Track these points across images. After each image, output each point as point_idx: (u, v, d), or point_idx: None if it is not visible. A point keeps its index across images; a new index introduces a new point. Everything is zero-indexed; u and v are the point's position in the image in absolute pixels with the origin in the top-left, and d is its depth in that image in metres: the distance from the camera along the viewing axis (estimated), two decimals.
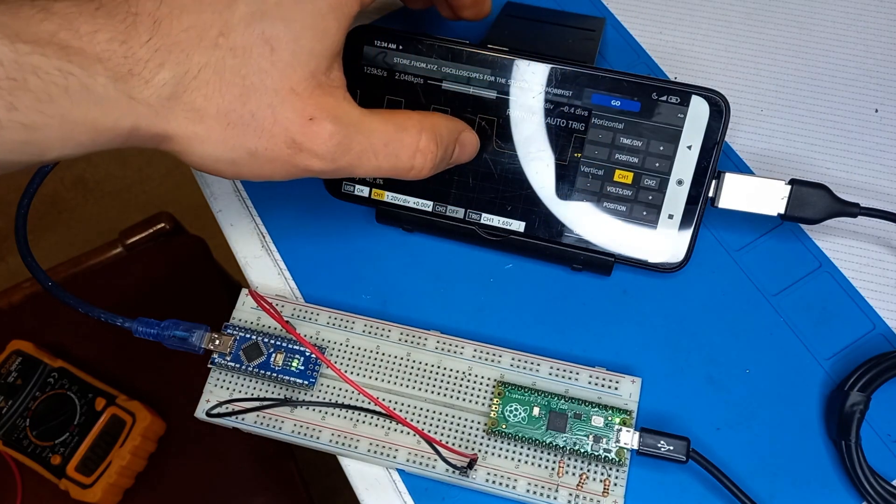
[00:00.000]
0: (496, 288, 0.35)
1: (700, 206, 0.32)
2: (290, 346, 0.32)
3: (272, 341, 0.32)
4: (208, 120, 0.24)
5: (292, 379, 0.32)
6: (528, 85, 0.32)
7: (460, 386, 0.32)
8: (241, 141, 0.24)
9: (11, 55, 0.20)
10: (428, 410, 0.31)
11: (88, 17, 0.22)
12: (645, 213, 0.33)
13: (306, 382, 0.32)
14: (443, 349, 0.32)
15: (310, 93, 0.25)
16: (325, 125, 0.25)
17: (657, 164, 0.32)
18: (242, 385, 0.32)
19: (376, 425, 0.31)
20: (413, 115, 0.28)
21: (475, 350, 0.32)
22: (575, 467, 0.30)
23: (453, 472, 0.30)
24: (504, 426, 0.30)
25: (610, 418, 0.30)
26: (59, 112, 0.21)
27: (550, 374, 0.31)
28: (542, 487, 0.30)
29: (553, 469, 0.30)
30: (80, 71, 0.21)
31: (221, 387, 0.32)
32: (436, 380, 0.32)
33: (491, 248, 0.35)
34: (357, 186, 0.35)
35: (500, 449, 0.30)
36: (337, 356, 0.33)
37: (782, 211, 0.32)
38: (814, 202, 0.32)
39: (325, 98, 0.25)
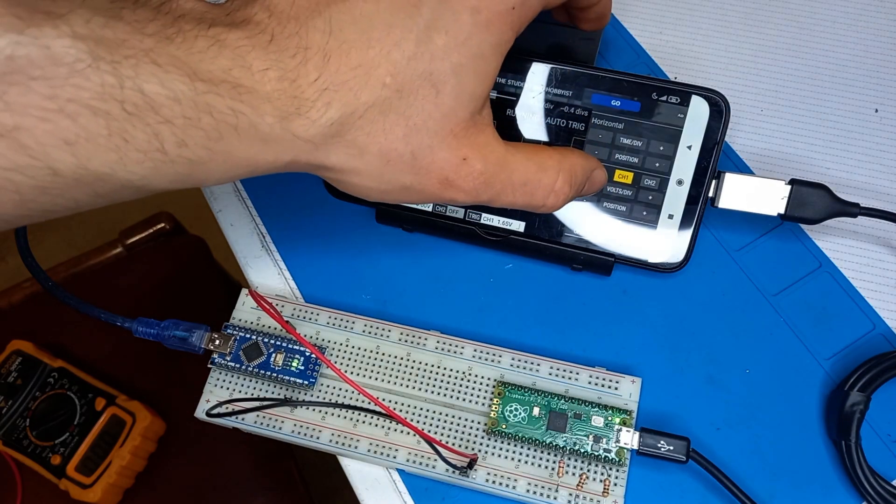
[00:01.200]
0: (496, 288, 0.35)
1: (700, 206, 0.32)
2: (290, 346, 0.32)
3: (272, 341, 0.32)
4: (368, 157, 0.24)
5: (292, 379, 0.32)
6: (528, 85, 0.32)
7: (460, 386, 0.32)
8: (397, 177, 0.25)
9: (190, 94, 0.20)
10: (428, 410, 0.31)
11: (261, 51, 0.22)
12: (645, 213, 0.33)
13: (306, 382, 0.32)
14: (443, 349, 0.32)
15: (465, 133, 0.25)
16: (475, 164, 0.25)
17: (657, 164, 0.32)
18: (242, 385, 0.32)
19: (376, 425, 0.31)
20: (553, 154, 0.28)
21: (475, 350, 0.32)
22: (575, 467, 0.30)
23: (453, 472, 0.30)
24: (504, 426, 0.30)
25: (610, 418, 0.30)
26: (225, 149, 0.22)
27: (550, 374, 0.31)
28: (542, 487, 0.30)
29: (553, 469, 0.30)
30: (250, 110, 0.22)
31: (221, 387, 0.32)
32: (436, 380, 0.32)
33: (491, 248, 0.35)
34: None
35: (500, 449, 0.30)
36: (337, 356, 0.33)
37: (782, 211, 0.32)
38: (814, 202, 0.32)
39: (478, 136, 0.25)
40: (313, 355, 0.32)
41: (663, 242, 0.33)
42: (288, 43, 0.22)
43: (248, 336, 0.33)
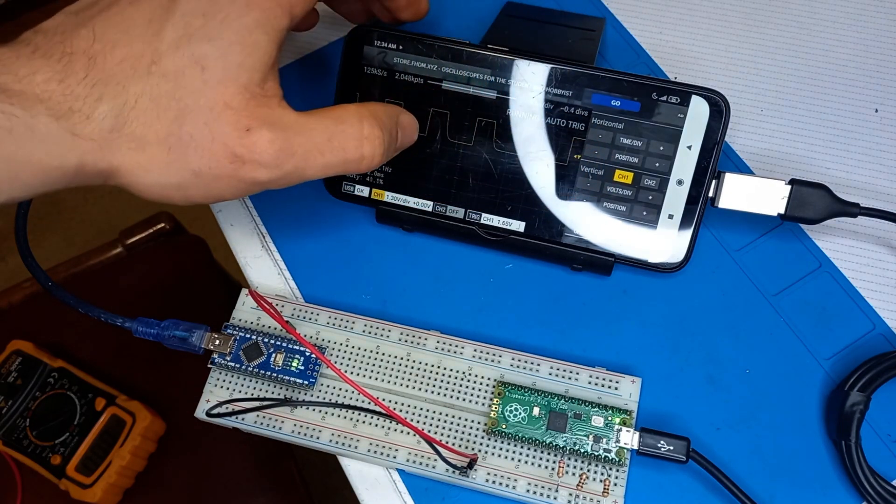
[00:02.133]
0: (496, 288, 0.35)
1: (700, 206, 0.32)
2: (290, 346, 0.32)
3: (272, 341, 0.32)
4: (149, 147, 0.24)
5: (292, 379, 0.32)
6: (528, 85, 0.32)
7: (460, 386, 0.32)
8: (183, 163, 0.25)
9: None
10: (428, 410, 0.31)
11: (25, 60, 0.22)
12: (645, 213, 0.33)
13: (306, 382, 0.32)
14: (443, 349, 0.32)
15: (244, 105, 0.25)
16: (262, 133, 0.25)
17: (657, 164, 0.32)
18: (242, 385, 0.32)
19: (376, 425, 0.31)
20: (349, 106, 0.28)
21: (475, 350, 0.32)
22: (575, 467, 0.30)
23: (453, 472, 0.30)
24: (504, 426, 0.30)
25: (610, 418, 0.30)
26: (3, 155, 0.22)
27: (550, 374, 0.31)
28: (542, 487, 0.30)
29: (553, 469, 0.30)
30: (23, 112, 0.22)
31: (221, 387, 0.32)
32: (436, 380, 0.32)
33: (491, 248, 0.35)
34: (357, 186, 0.35)
35: (500, 449, 0.30)
36: (337, 356, 0.33)
37: (782, 211, 0.32)
38: (814, 202, 0.32)
39: (261, 109, 0.25)
40: (313, 355, 0.32)
41: (663, 242, 0.33)
42: (53, 51, 0.23)
43: (248, 336, 0.33)
